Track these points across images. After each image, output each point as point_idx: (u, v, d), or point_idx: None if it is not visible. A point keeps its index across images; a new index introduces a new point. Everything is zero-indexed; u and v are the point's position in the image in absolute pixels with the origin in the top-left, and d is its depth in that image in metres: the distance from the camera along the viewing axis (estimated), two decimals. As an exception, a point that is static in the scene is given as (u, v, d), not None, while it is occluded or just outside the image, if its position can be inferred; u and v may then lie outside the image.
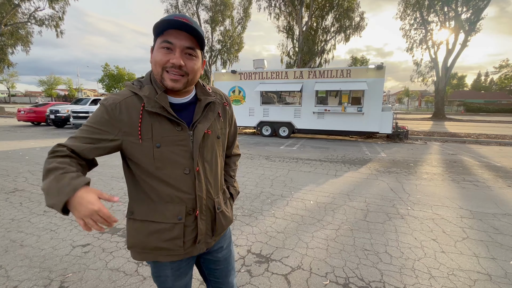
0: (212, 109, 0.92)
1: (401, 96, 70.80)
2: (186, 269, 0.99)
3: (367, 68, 9.40)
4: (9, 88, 57.39)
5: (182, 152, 0.84)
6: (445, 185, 4.40)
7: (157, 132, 0.81)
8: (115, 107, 0.80)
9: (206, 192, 0.91)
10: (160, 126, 0.82)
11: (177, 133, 0.83)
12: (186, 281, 1.01)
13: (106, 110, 0.80)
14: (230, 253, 1.10)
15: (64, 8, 21.95)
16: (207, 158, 0.90)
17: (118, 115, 0.80)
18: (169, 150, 0.83)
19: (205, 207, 0.91)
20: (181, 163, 0.84)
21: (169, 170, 0.83)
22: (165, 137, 0.82)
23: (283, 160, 6.30)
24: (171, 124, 0.83)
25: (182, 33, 0.79)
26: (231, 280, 1.12)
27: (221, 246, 1.05)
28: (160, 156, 0.82)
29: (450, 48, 21.59)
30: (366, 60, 44.97)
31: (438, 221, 3.01)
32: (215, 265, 1.06)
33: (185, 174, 0.85)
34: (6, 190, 3.83)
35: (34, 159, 5.88)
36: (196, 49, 0.83)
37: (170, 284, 0.96)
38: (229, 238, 1.11)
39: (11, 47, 22.93)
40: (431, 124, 18.59)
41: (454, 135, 11.52)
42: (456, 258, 2.27)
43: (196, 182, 0.87)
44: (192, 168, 0.86)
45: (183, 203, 0.86)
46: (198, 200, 0.88)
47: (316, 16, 23.36)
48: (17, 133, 10.22)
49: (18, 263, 2.12)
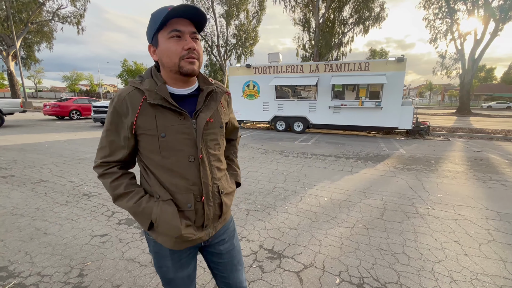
0: (214, 99, 0.94)
1: (423, 90, 67.71)
2: (187, 260, 0.99)
3: (387, 60, 9.02)
4: (36, 84, 60.54)
5: (186, 141, 0.86)
6: (469, 184, 4.17)
7: (161, 122, 0.84)
8: (121, 104, 0.85)
9: (212, 178, 0.93)
10: (164, 116, 0.85)
11: (180, 122, 0.86)
12: (189, 272, 1.02)
13: (115, 110, 0.86)
14: (234, 247, 1.08)
15: (85, 5, 22.66)
16: (210, 146, 0.93)
17: (125, 111, 0.85)
18: (174, 139, 0.85)
19: (211, 193, 0.93)
20: (185, 152, 0.87)
21: (175, 159, 0.86)
22: (169, 127, 0.85)
23: (297, 155, 6.22)
24: (174, 114, 0.85)
25: (183, 20, 0.83)
26: (238, 276, 1.10)
27: (223, 238, 1.04)
28: (166, 146, 0.85)
29: (478, 38, 20.24)
30: (385, 52, 43.17)
31: (461, 222, 2.85)
32: (218, 258, 1.05)
33: (190, 162, 0.87)
34: (32, 180, 4.05)
35: (58, 151, 6.18)
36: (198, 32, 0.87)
37: (172, 275, 0.98)
38: (232, 231, 1.10)
39: (37, 44, 24.08)
40: (455, 120, 17.66)
41: (480, 131, 10.87)
42: (481, 262, 2.15)
43: (201, 169, 0.89)
44: (196, 156, 0.88)
45: (190, 191, 0.88)
46: (204, 186, 0.90)
47: (333, 7, 22.62)
48: (43, 127, 10.77)
49: (42, 250, 2.23)
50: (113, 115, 0.86)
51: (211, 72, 30.45)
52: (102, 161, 0.90)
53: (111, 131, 0.88)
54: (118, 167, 0.92)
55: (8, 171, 4.50)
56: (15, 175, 4.29)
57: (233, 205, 3.23)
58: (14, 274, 1.93)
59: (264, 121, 11.23)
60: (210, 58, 29.95)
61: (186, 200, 0.88)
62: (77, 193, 3.57)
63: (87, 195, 3.52)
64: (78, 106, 14.22)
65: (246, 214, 3.00)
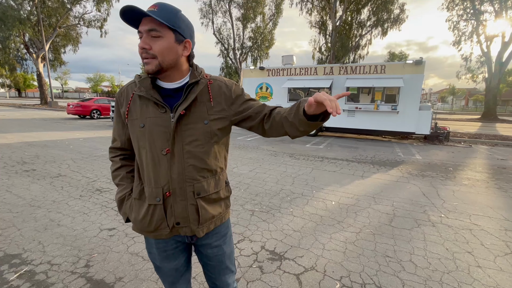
0: (194, 91, 0.89)
1: (445, 94, 64.82)
2: (174, 253, 1.01)
3: (404, 63, 8.74)
4: (62, 85, 63.92)
5: (161, 134, 0.87)
6: (489, 193, 3.94)
7: (143, 113, 0.89)
8: (120, 94, 0.96)
9: (183, 175, 0.89)
10: (146, 107, 0.89)
11: (160, 114, 0.88)
12: (177, 265, 1.02)
13: (116, 101, 0.98)
14: (223, 253, 1.04)
15: (108, 10, 23.73)
16: (186, 141, 0.88)
17: (122, 101, 0.95)
18: (151, 131, 0.88)
19: (180, 190, 0.90)
20: (159, 144, 0.88)
21: (149, 150, 0.89)
22: (148, 118, 0.88)
23: (308, 158, 6.14)
24: (156, 106, 0.88)
25: (146, 18, 0.82)
26: (225, 279, 1.09)
27: (209, 243, 1.01)
28: (142, 136, 0.89)
29: (506, 40, 19.16)
30: (405, 55, 41.63)
31: (476, 232, 2.70)
32: (206, 260, 1.05)
33: (163, 155, 0.88)
34: (52, 175, 4.27)
35: (77, 148, 6.48)
36: (159, 28, 0.80)
37: (158, 263, 1.02)
38: (223, 236, 1.04)
39: (63, 47, 25.50)
40: (479, 126, 16.76)
41: (506, 138, 10.25)
42: (495, 275, 2.02)
43: (170, 164, 0.88)
44: (170, 149, 0.88)
45: (159, 186, 0.90)
46: (171, 182, 0.89)
47: (351, 9, 22.27)
48: (65, 125, 11.34)
49: (54, 240, 2.35)
50: (115, 105, 0.98)
51: (226, 74, 30.82)
52: (110, 146, 1.05)
53: (115, 120, 1.00)
54: (120, 158, 1.02)
55: (31, 165, 4.77)
56: (37, 169, 4.55)
57: (238, 205, 3.24)
58: (26, 261, 2.04)
59: (277, 123, 11.19)
60: (226, 60, 30.35)
61: (156, 194, 0.90)
62: (90, 188, 3.72)
63: (100, 190, 3.67)
64: (98, 106, 14.84)
65: (250, 214, 3.00)
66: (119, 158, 1.02)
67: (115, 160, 1.03)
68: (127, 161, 1.03)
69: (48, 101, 23.62)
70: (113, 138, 1.03)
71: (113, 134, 1.03)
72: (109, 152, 1.05)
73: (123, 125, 0.97)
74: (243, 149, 7.02)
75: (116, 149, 1.03)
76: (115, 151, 1.03)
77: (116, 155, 1.03)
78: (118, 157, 1.02)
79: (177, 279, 1.05)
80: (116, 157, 1.03)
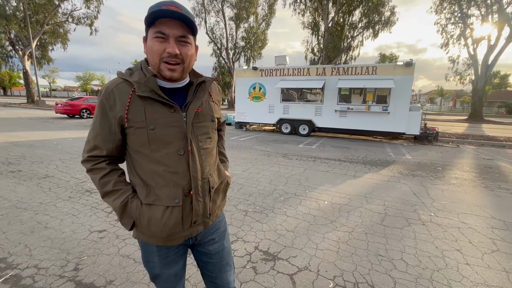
0: (203, 88, 0.93)
1: (434, 95, 66.39)
2: (175, 258, 0.98)
3: (395, 65, 8.90)
4: (50, 83, 62.34)
5: (176, 134, 0.85)
6: (476, 192, 4.05)
7: (150, 115, 0.83)
8: (108, 96, 0.84)
9: (201, 172, 0.91)
10: (153, 109, 0.83)
11: (171, 114, 0.85)
12: (176, 270, 1.00)
13: (102, 103, 0.84)
14: (223, 248, 1.06)
15: (98, 7, 23.25)
16: (201, 139, 0.92)
17: (112, 104, 0.84)
18: (163, 132, 0.84)
19: (201, 188, 0.91)
20: (175, 144, 0.85)
21: (164, 151, 0.85)
22: (158, 119, 0.83)
23: (301, 158, 6.17)
24: (164, 106, 0.84)
25: (173, 21, 0.79)
26: (226, 277, 1.08)
27: (212, 238, 1.03)
28: (155, 138, 0.84)
29: (492, 44, 19.76)
30: (395, 57, 42.48)
31: (464, 230, 2.76)
32: (207, 258, 1.04)
33: (180, 155, 0.86)
34: (39, 176, 4.15)
35: (66, 148, 6.32)
36: (189, 35, 0.82)
37: (158, 271, 0.97)
38: (223, 232, 1.08)
39: (51, 44, 24.83)
40: (466, 126, 17.23)
41: (492, 138, 10.57)
42: (482, 272, 2.07)
43: (191, 163, 0.87)
44: (186, 149, 0.87)
45: (178, 186, 0.86)
46: (193, 180, 0.88)
47: (343, 11, 22.54)
48: (54, 124, 11.05)
49: (41, 243, 2.28)
50: (100, 109, 0.85)
51: (219, 74, 30.67)
52: (89, 155, 0.89)
53: (99, 125, 0.86)
54: (106, 163, 0.90)
55: (17, 166, 4.63)
56: (23, 170, 4.41)
57: (231, 206, 3.22)
58: (12, 265, 1.97)
59: (270, 123, 11.22)
60: (218, 60, 30.22)
61: (174, 195, 0.86)
62: (80, 189, 3.63)
63: (90, 191, 3.58)
64: (88, 105, 14.53)
65: (244, 215, 2.99)
66: (105, 163, 0.89)
67: (99, 167, 0.89)
68: (114, 165, 0.92)
69: (35, 99, 22.98)
70: (93, 146, 0.88)
71: (94, 141, 0.88)
72: (87, 162, 0.89)
73: (111, 131, 0.85)
74: (237, 149, 7.00)
75: (99, 157, 0.89)
76: (96, 159, 0.89)
77: (98, 161, 0.89)
78: (103, 163, 0.89)
79: (175, 284, 1.03)
80: (100, 163, 0.89)
